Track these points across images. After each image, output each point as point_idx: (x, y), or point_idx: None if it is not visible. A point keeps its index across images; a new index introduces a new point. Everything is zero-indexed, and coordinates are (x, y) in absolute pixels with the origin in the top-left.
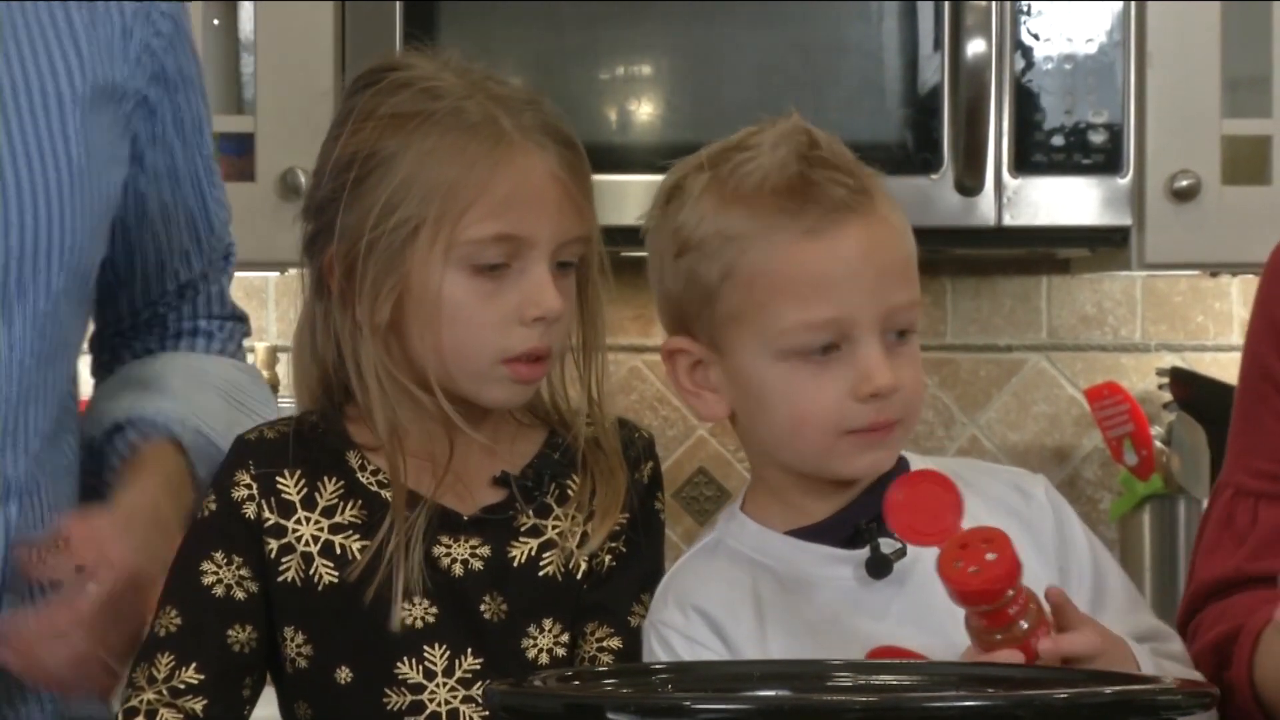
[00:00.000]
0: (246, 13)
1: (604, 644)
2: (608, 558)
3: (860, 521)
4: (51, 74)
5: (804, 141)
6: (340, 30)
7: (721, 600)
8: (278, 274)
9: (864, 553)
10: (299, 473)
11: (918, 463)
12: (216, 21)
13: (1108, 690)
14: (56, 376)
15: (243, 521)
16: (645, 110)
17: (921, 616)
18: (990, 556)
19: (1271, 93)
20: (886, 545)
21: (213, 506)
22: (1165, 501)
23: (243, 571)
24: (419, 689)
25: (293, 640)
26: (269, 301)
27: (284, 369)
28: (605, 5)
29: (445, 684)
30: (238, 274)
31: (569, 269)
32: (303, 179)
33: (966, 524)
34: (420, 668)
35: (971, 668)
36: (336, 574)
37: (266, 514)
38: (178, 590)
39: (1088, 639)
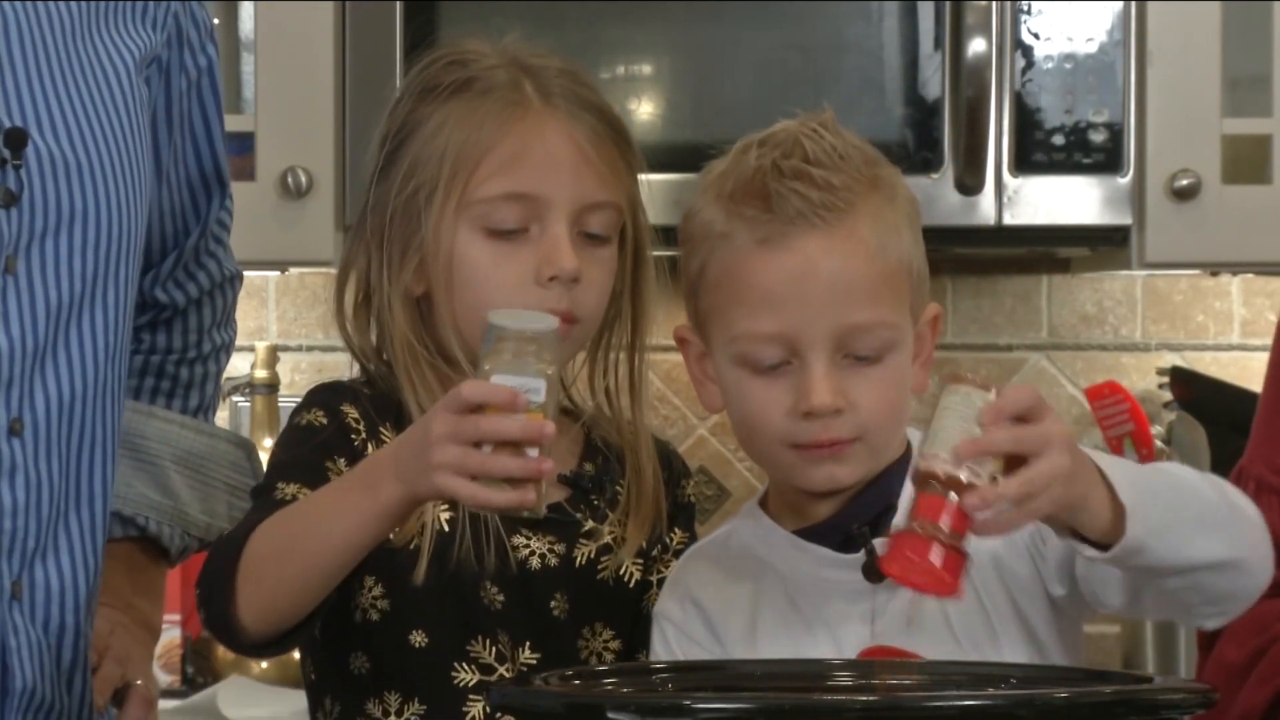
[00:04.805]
0: (246, 13)
1: None
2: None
3: (853, 526)
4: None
5: (789, 148)
6: (340, 30)
7: (719, 596)
8: (278, 274)
9: (861, 556)
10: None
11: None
12: (217, 21)
13: (1108, 690)
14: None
15: (351, 446)
16: (645, 109)
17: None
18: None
19: (1272, 92)
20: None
21: (323, 420)
22: None
23: None
24: (489, 670)
25: (369, 590)
26: (269, 301)
27: (284, 369)
28: (606, 5)
29: (508, 671)
30: None
31: (600, 242)
32: (303, 179)
33: None
34: (494, 649)
35: (971, 667)
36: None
37: (371, 449)
38: (303, 474)
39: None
